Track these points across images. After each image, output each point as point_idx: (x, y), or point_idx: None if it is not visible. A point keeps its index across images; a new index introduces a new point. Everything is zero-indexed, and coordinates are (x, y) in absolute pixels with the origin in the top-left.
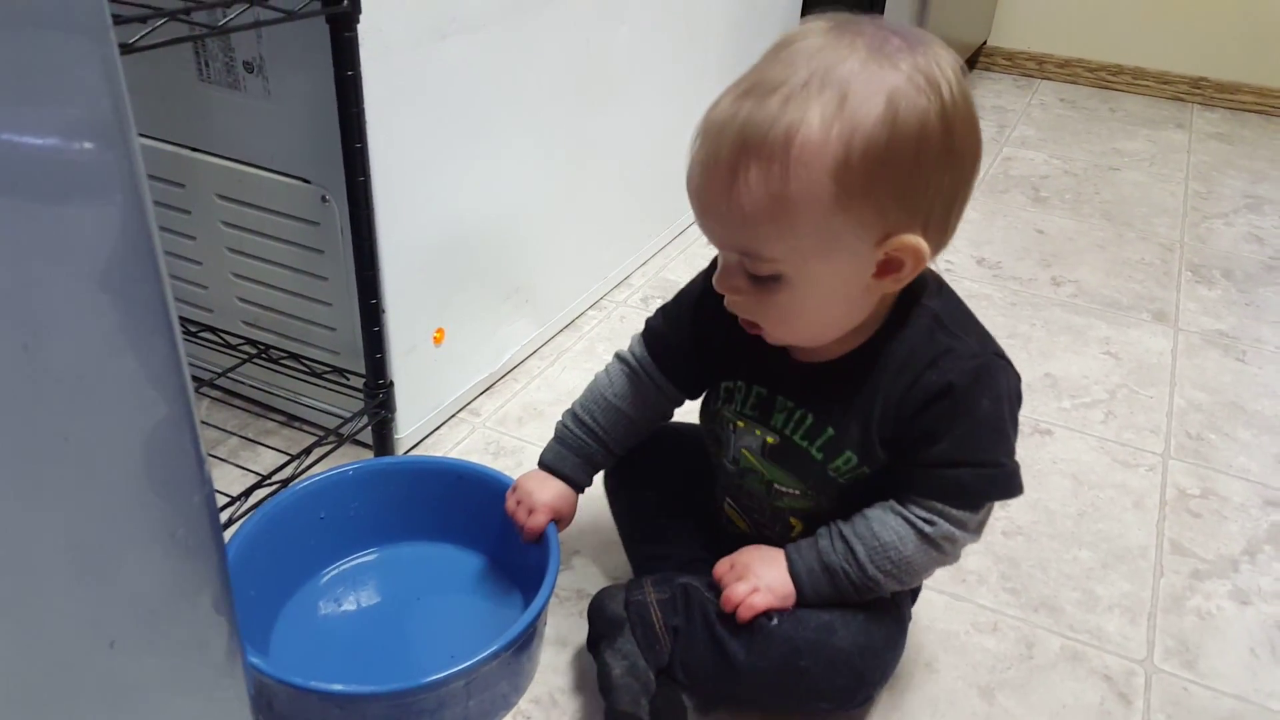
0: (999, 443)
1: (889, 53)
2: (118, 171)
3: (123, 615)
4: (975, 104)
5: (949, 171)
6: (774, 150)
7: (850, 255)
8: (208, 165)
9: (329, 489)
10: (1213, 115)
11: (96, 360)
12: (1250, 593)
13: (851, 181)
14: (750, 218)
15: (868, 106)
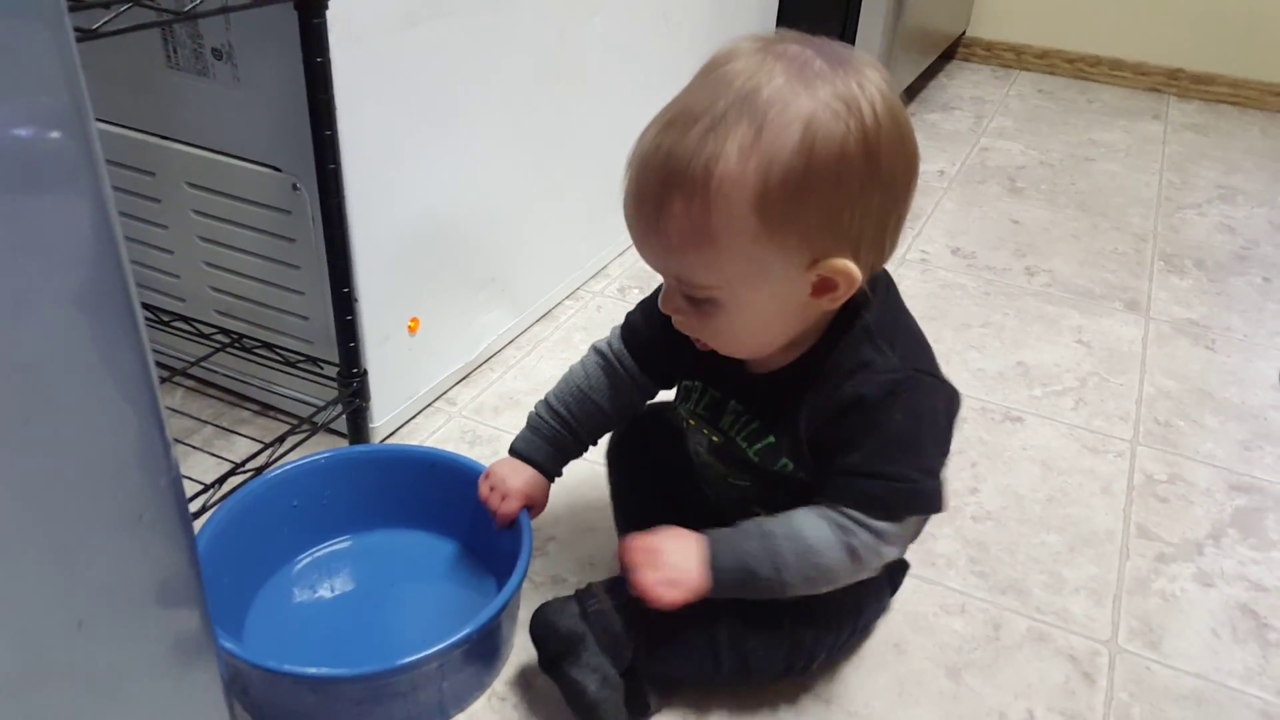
0: (911, 458)
1: (810, 77)
2: (76, 159)
3: (90, 597)
4: (906, 122)
5: (876, 194)
6: (695, 185)
7: (781, 280)
8: (178, 153)
9: (302, 477)
10: (1188, 106)
11: (57, 344)
12: (1214, 575)
13: (772, 212)
14: (678, 249)
15: (784, 136)
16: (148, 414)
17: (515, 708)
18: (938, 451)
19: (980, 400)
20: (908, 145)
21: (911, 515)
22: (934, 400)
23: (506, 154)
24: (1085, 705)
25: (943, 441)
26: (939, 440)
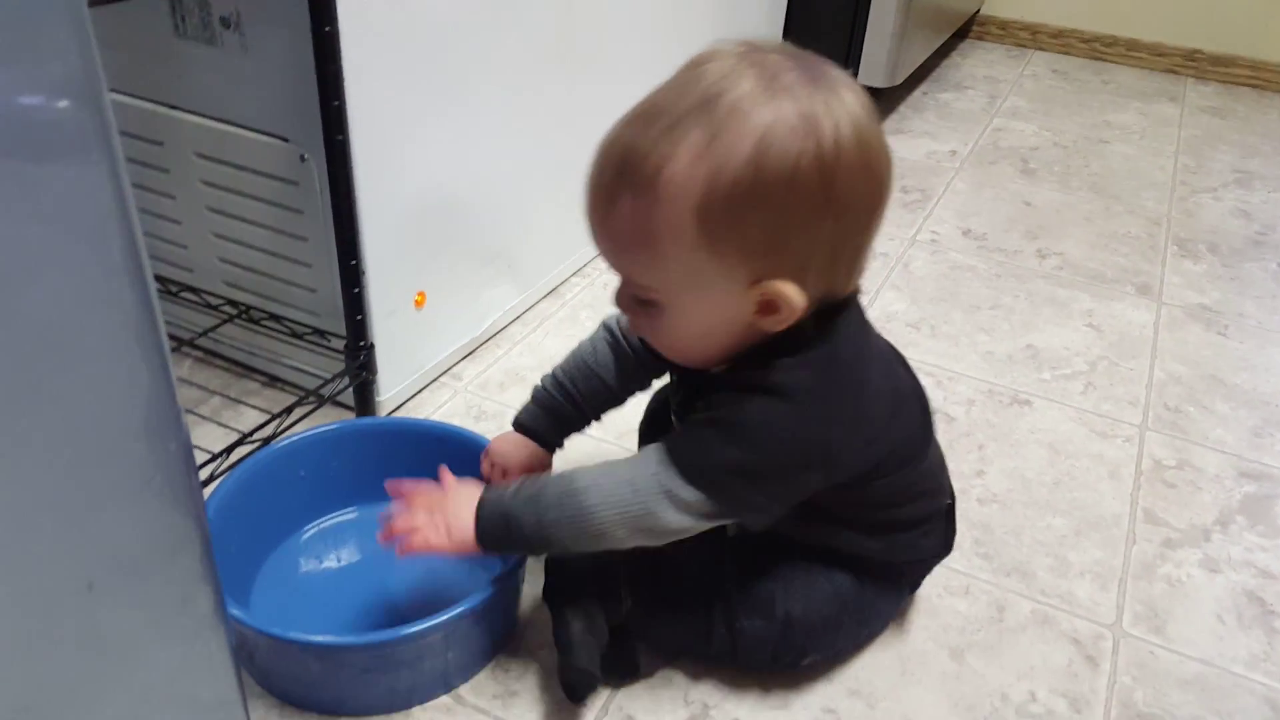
0: (731, 451)
1: (777, 90)
2: (90, 127)
3: (100, 559)
4: (876, 150)
5: (828, 220)
6: (644, 182)
7: (722, 294)
8: (186, 123)
9: (309, 448)
10: (1206, 89)
11: (68, 305)
12: (1220, 561)
13: (714, 222)
14: (623, 245)
15: (736, 147)
16: (158, 378)
17: (519, 679)
18: (771, 466)
19: (989, 383)
20: (873, 173)
21: (702, 492)
22: (798, 427)
23: (515, 128)
24: (1088, 688)
25: (781, 462)
26: (779, 458)
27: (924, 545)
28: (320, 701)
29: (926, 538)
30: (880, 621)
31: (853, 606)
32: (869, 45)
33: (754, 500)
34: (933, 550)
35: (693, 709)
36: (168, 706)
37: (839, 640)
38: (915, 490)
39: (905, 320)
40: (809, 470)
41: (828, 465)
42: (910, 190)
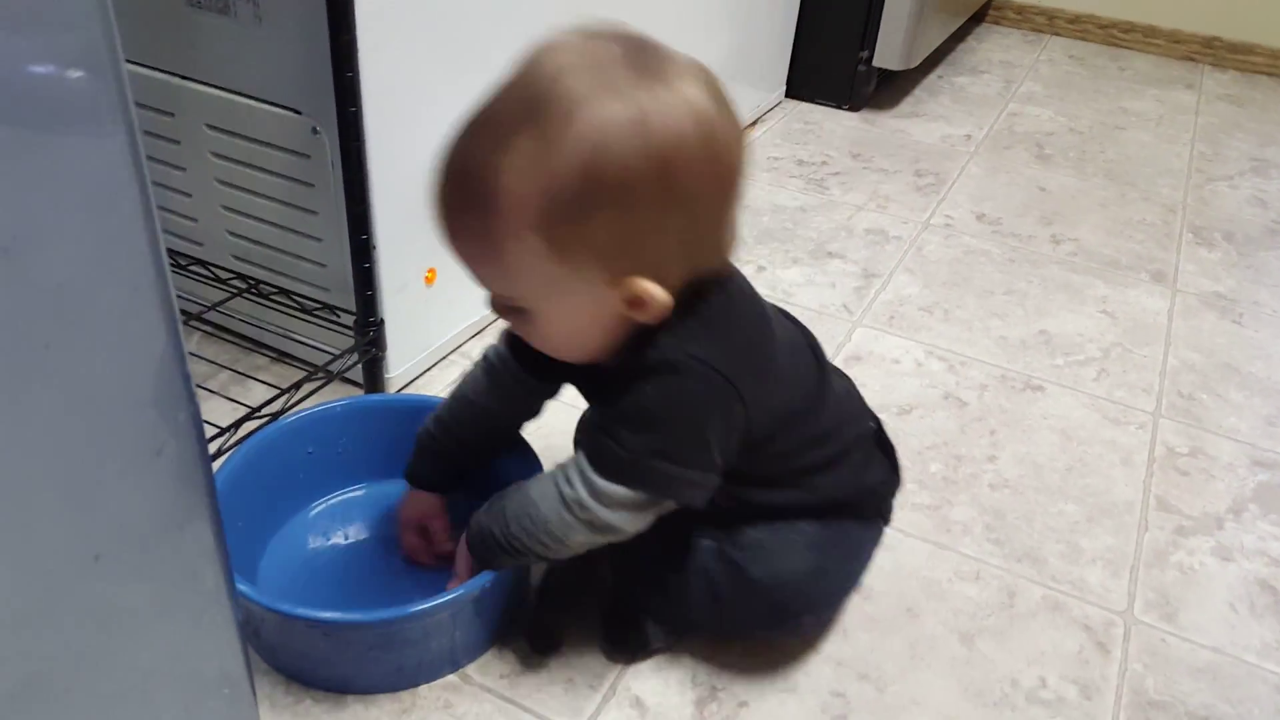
0: (645, 433)
1: (607, 88)
2: (106, 99)
3: (107, 530)
4: (722, 136)
5: (676, 214)
6: (482, 199)
7: (585, 296)
8: (197, 94)
9: (318, 424)
10: (1223, 76)
11: (78, 269)
12: (1233, 550)
13: (557, 233)
14: (474, 260)
15: (567, 154)
16: (169, 348)
17: (526, 659)
18: (686, 442)
19: (1001, 368)
20: (719, 159)
21: (627, 485)
22: (695, 390)
23: None
24: (1099, 675)
25: (695, 435)
26: (690, 433)
27: (863, 479)
28: (327, 679)
29: (860, 472)
30: (860, 559)
31: (830, 550)
32: (885, 28)
33: (682, 477)
34: (877, 480)
35: (700, 690)
36: (173, 681)
37: (829, 588)
38: (822, 433)
39: (918, 304)
40: (724, 432)
41: (738, 421)
42: (924, 174)
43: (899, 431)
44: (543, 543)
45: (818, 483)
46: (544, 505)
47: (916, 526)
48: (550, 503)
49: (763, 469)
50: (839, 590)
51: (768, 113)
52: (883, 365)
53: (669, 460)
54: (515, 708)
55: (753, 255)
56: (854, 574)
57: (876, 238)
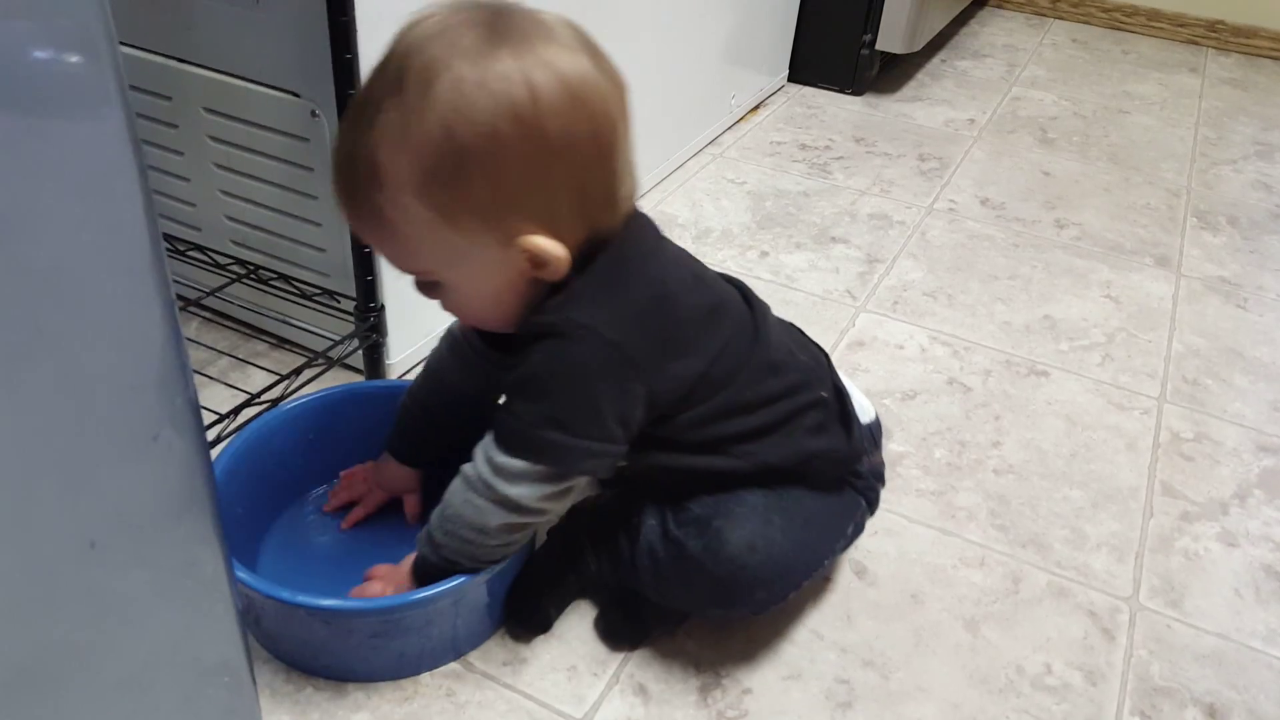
0: (534, 402)
1: (459, 55)
2: (100, 82)
3: (103, 517)
4: (586, 86)
5: (555, 166)
6: (365, 181)
7: (485, 260)
8: (195, 77)
9: (318, 410)
10: (1227, 60)
11: (72, 252)
12: (1238, 535)
13: (438, 201)
14: (376, 241)
15: (428, 124)
16: (165, 331)
17: (528, 646)
18: (577, 411)
19: (1006, 353)
20: (589, 109)
21: (523, 458)
22: (582, 356)
23: None
24: (1104, 661)
25: (586, 403)
26: (579, 396)
27: (805, 445)
28: (328, 667)
29: (804, 439)
30: (819, 532)
31: (777, 523)
32: (888, 11)
33: (577, 447)
34: (823, 447)
35: (704, 678)
36: (172, 670)
37: (779, 563)
38: (749, 401)
39: (922, 289)
40: (620, 400)
41: (635, 389)
42: (928, 159)
43: (903, 417)
44: (466, 539)
45: (750, 449)
46: (455, 497)
47: (921, 512)
48: (458, 491)
49: (684, 436)
50: (795, 565)
51: (770, 97)
52: (887, 350)
53: (561, 430)
54: (518, 695)
55: (755, 240)
56: (813, 547)
57: (880, 222)
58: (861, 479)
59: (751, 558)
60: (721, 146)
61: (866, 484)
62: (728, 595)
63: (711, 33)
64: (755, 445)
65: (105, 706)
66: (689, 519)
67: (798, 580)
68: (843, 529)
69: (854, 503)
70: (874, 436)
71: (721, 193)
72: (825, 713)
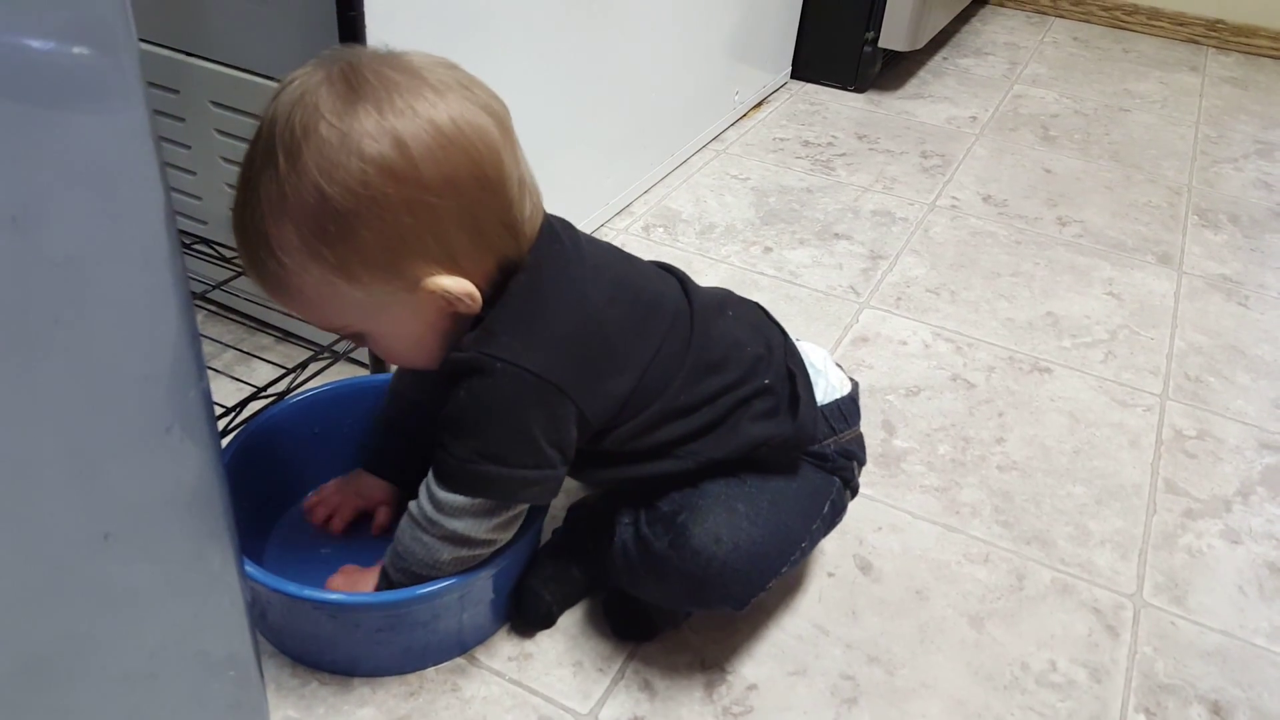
0: (467, 438)
1: (325, 116)
2: (118, 75)
3: (118, 508)
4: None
5: (442, 209)
6: (261, 253)
7: (396, 307)
8: (203, 71)
9: (324, 404)
10: (1227, 59)
11: (89, 243)
12: (1241, 532)
13: (332, 261)
14: (290, 304)
15: (303, 185)
16: (179, 324)
17: (534, 641)
18: (510, 441)
19: (1008, 350)
20: (462, 146)
21: (461, 493)
22: (504, 389)
23: (534, 84)
24: (1109, 658)
25: (517, 434)
26: (511, 432)
27: (750, 433)
28: (334, 661)
29: (749, 426)
30: (788, 519)
31: (739, 516)
32: (890, 8)
33: (514, 477)
34: (774, 433)
35: (710, 674)
36: (180, 663)
37: (747, 555)
38: (685, 405)
39: (925, 285)
40: (552, 425)
41: (566, 412)
42: (930, 155)
43: (906, 413)
44: (419, 575)
45: (693, 449)
46: (404, 535)
47: (925, 508)
48: (406, 530)
49: (624, 447)
50: (768, 551)
51: (773, 94)
52: (890, 346)
53: (496, 462)
54: (524, 690)
55: (759, 236)
56: (785, 529)
57: (883, 219)
58: (828, 460)
59: (718, 549)
60: (725, 142)
61: (835, 464)
62: (700, 590)
63: (715, 29)
64: (698, 445)
65: (113, 698)
66: (657, 516)
67: (775, 566)
68: (817, 507)
69: (826, 482)
70: (843, 413)
71: (725, 188)
72: (830, 709)
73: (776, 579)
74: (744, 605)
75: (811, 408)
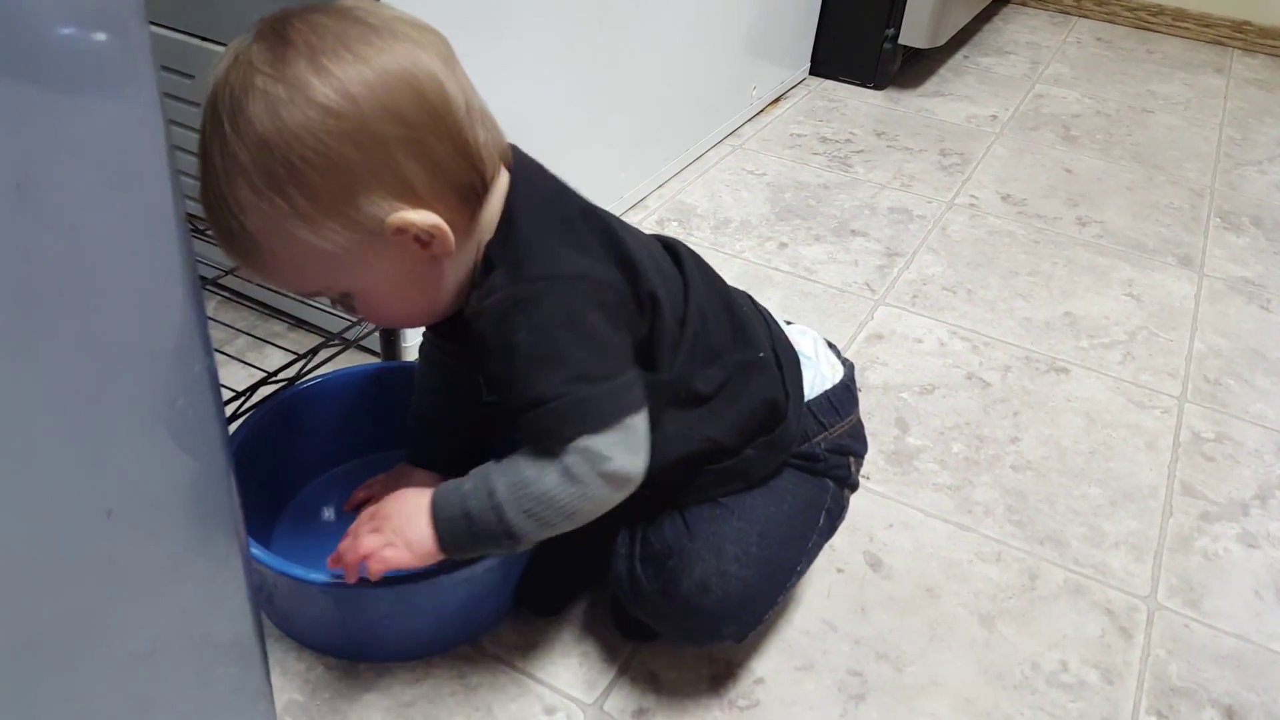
0: (550, 373)
1: (260, 71)
2: (128, 60)
3: (121, 485)
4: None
5: (389, 141)
6: (228, 219)
7: (371, 255)
8: (218, 56)
9: (335, 390)
10: (1253, 61)
11: (92, 213)
12: (1258, 537)
13: (289, 209)
14: (270, 277)
15: (249, 145)
16: (184, 297)
17: (540, 631)
18: (589, 354)
19: (1025, 349)
20: (401, 78)
21: (583, 430)
22: (561, 302)
23: (550, 78)
24: (1121, 660)
25: (590, 341)
26: (584, 342)
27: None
28: (340, 647)
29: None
30: (779, 542)
31: (739, 551)
32: (911, 5)
33: (618, 386)
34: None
35: (716, 667)
36: (184, 645)
37: (747, 588)
38: (707, 347)
39: (942, 283)
40: (613, 317)
41: (615, 295)
42: (949, 154)
43: (921, 411)
44: (550, 523)
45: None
46: (545, 480)
47: (937, 506)
48: (552, 478)
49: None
50: (759, 591)
51: (791, 89)
52: (905, 344)
53: (588, 380)
54: (529, 679)
55: (775, 231)
56: (777, 563)
57: (900, 216)
58: (819, 461)
59: (706, 599)
60: (741, 138)
61: (827, 465)
62: (691, 633)
63: (734, 24)
64: (707, 411)
65: (115, 680)
66: (649, 554)
67: (768, 600)
68: (811, 525)
69: (818, 492)
70: (834, 405)
71: (741, 184)
72: (838, 704)
73: (774, 608)
74: (742, 640)
75: (798, 406)
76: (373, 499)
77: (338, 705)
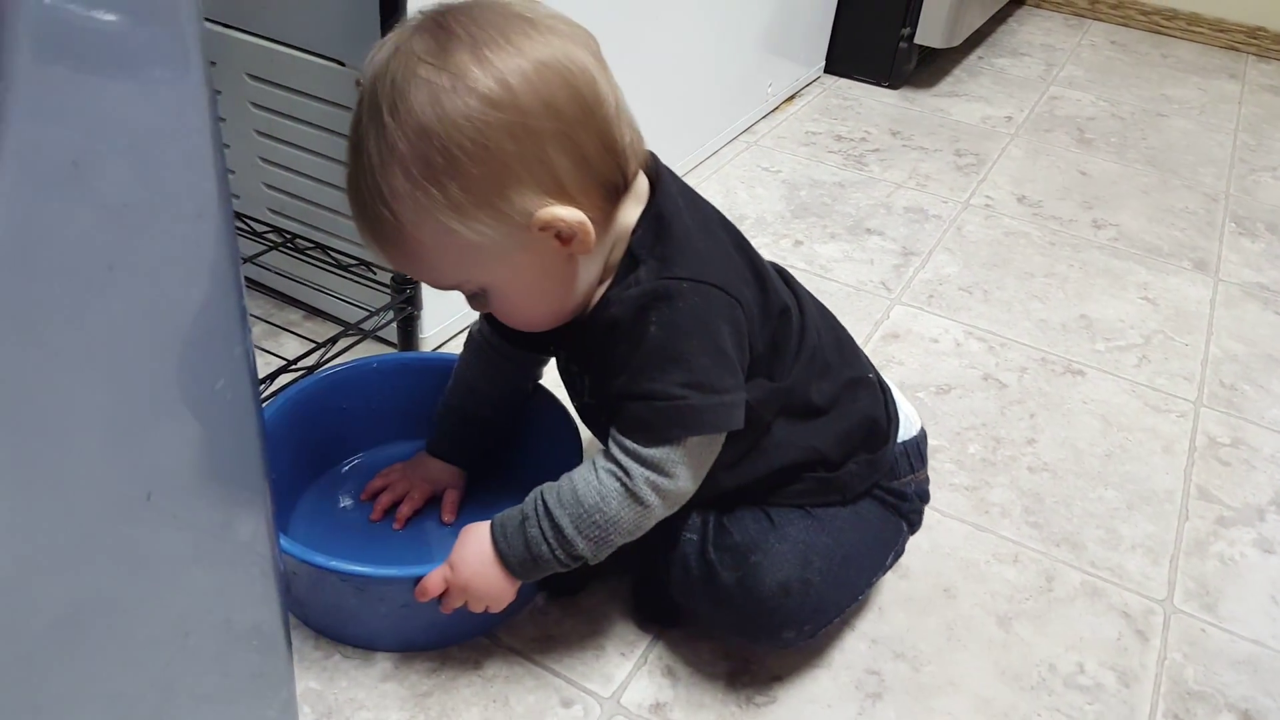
0: (672, 372)
1: (424, 62)
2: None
3: (163, 467)
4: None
5: (543, 134)
6: (376, 208)
7: (515, 250)
8: (240, 43)
9: (352, 380)
10: (1268, 67)
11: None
12: (1275, 542)
13: (441, 200)
14: (411, 268)
15: (408, 133)
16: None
17: (557, 624)
18: (712, 363)
19: (1041, 351)
20: (558, 72)
21: (683, 434)
22: (699, 307)
23: None
24: (1138, 663)
25: (716, 352)
26: (711, 351)
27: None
28: (357, 635)
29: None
30: (859, 568)
31: (816, 561)
32: (928, 5)
33: (726, 402)
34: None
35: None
36: (205, 629)
37: (812, 602)
38: (822, 362)
39: (957, 284)
40: (736, 340)
41: (742, 325)
42: (964, 154)
43: (937, 411)
44: (610, 543)
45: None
46: (610, 505)
47: (954, 507)
48: (616, 501)
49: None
50: (828, 605)
51: (806, 87)
52: (921, 344)
53: (702, 389)
54: (546, 672)
55: (790, 229)
56: (849, 585)
57: (916, 216)
58: (907, 501)
59: (785, 601)
60: (756, 135)
61: (912, 506)
62: (754, 630)
63: (749, 21)
64: (818, 425)
65: (138, 662)
66: (728, 544)
67: (829, 618)
68: (882, 560)
69: (895, 531)
70: (921, 452)
71: (756, 181)
72: (855, 703)
73: (826, 627)
74: (789, 646)
75: (897, 431)
76: (390, 488)
77: (355, 694)
